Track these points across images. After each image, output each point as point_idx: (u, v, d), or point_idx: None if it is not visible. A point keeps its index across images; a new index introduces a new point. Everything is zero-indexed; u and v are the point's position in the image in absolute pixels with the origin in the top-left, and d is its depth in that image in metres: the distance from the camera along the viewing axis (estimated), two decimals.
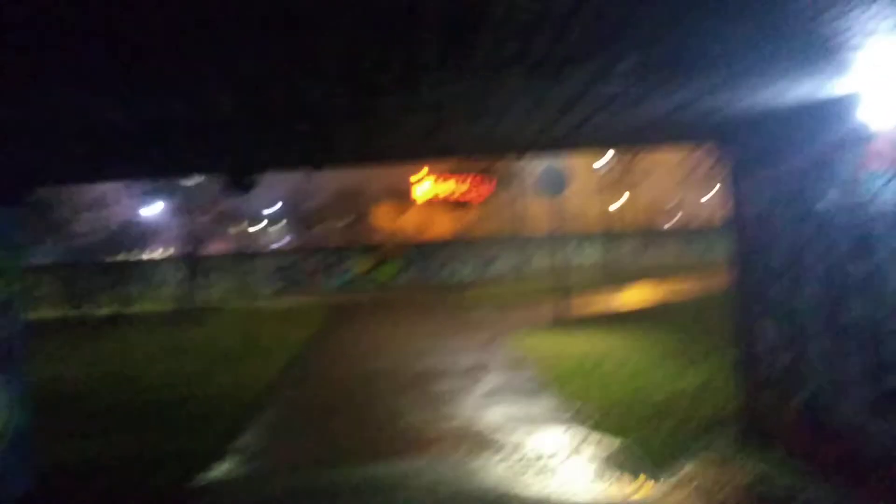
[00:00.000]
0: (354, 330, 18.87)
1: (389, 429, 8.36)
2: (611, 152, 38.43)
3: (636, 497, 5.68)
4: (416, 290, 33.97)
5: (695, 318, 14.87)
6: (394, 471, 6.78)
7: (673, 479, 5.89)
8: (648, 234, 47.58)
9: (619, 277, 29.76)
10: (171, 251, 31.28)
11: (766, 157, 6.39)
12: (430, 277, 38.06)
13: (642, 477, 6.07)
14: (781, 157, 6.12)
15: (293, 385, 11.61)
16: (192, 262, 25.65)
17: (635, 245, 43.95)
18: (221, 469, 7.26)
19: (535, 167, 47.43)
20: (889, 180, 4.68)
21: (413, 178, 65.70)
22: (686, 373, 10.06)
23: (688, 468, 6.17)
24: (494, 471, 6.54)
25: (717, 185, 52.75)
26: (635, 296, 22.22)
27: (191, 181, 27.13)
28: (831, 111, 5.17)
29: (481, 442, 7.50)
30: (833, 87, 4.78)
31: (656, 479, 5.97)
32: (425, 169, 64.19)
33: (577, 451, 7.00)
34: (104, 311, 21.70)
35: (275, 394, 10.88)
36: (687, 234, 48.52)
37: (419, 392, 10.26)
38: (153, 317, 22.48)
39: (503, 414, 8.64)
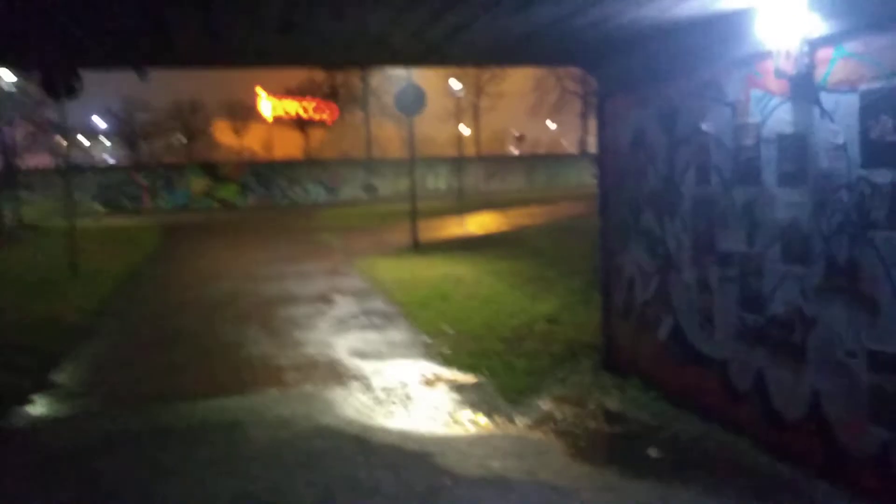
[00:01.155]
0: (192, 253, 17.72)
1: (231, 359, 7.71)
2: (458, 84, 38.14)
3: (490, 438, 5.39)
4: (260, 212, 32.66)
5: (542, 247, 14.94)
6: (240, 405, 6.19)
7: (528, 419, 5.65)
8: (497, 161, 48.10)
9: (468, 203, 29.78)
10: None
11: (640, 80, 6.12)
12: (275, 198, 36.69)
13: (496, 416, 5.78)
14: (659, 79, 5.86)
15: (122, 313, 10.62)
16: (6, 177, 23.16)
17: (484, 171, 44.24)
18: (38, 407, 6.40)
19: (388, 89, 46.66)
20: (781, 102, 4.47)
21: (258, 93, 62.85)
22: (539, 301, 9.96)
23: (544, 405, 5.96)
24: (343, 407, 6.08)
25: (565, 114, 54.02)
26: (485, 222, 22.22)
27: (6, 85, 24.39)
28: (721, 28, 4.89)
29: (330, 375, 7.02)
30: (725, 1, 4.48)
31: (511, 418, 5.70)
32: (258, 87, 61.43)
33: (429, 385, 6.66)
34: None
35: (101, 323, 9.88)
36: (534, 161, 49.43)
37: (264, 320, 9.61)
38: None
39: (354, 344, 8.18)
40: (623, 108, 6.44)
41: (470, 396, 6.26)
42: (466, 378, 6.80)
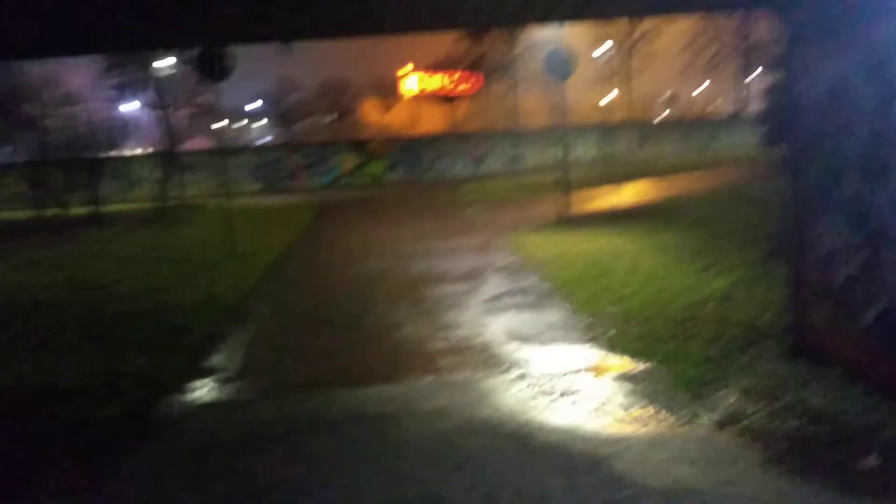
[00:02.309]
0: (342, 230, 17.82)
1: (385, 343, 7.42)
2: (609, 42, 36.66)
3: (672, 438, 4.74)
4: (407, 187, 32.80)
5: (707, 216, 13.85)
6: (394, 394, 5.84)
7: (714, 416, 4.94)
8: (646, 127, 46.06)
9: (620, 171, 28.60)
10: (149, 149, 29.76)
11: (842, 23, 5.20)
12: (421, 174, 36.80)
13: (677, 412, 5.11)
14: (866, 20, 4.94)
15: (277, 293, 10.64)
16: (169, 159, 24.29)
17: (636, 137, 42.50)
18: (194, 392, 6.34)
19: (529, 58, 45.72)
20: None
21: (400, 73, 63.58)
22: (707, 277, 9.09)
23: (730, 398, 5.23)
24: (501, 398, 5.60)
25: (721, 73, 51.04)
26: (640, 191, 21.13)
27: (165, 72, 25.58)
28: None
29: (485, 360, 6.55)
30: None
31: (694, 414, 5.02)
32: (410, 64, 61.89)
33: (595, 373, 6.06)
34: (75, 211, 20.49)
35: (257, 303, 9.91)
36: (688, 125, 47.01)
37: (415, 299, 9.30)
38: (128, 217, 21.30)
39: (508, 327, 7.68)
40: (819, 56, 5.52)
41: (643, 387, 5.62)
42: (637, 365, 6.16)
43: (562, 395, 5.55)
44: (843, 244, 5.40)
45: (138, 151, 31.59)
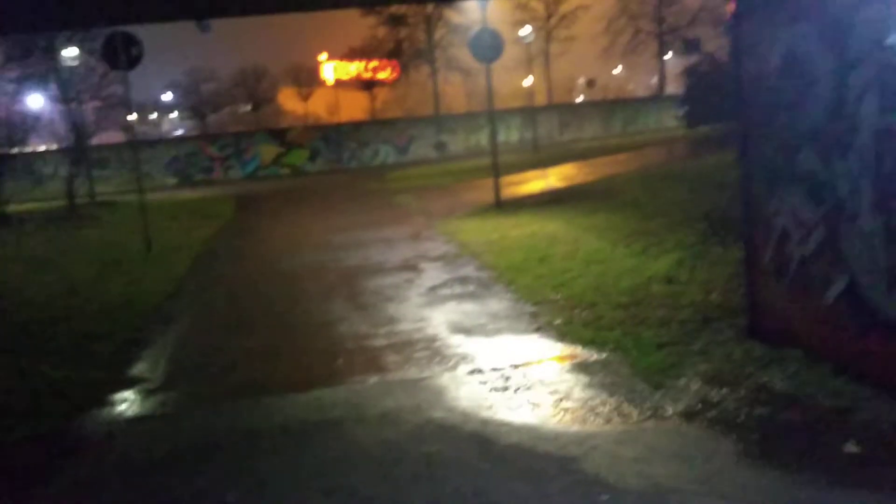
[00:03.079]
0: (266, 223, 17.16)
1: (322, 341, 6.98)
2: (527, 27, 36.63)
3: (640, 433, 4.48)
4: (331, 176, 32.14)
5: (638, 198, 13.77)
6: (337, 398, 5.43)
7: (679, 406, 4.71)
8: (570, 109, 46.42)
9: (545, 155, 28.61)
10: (59, 144, 28.18)
11: None
12: (345, 162, 36.12)
13: (640, 403, 4.86)
14: None
15: (200, 292, 10.03)
16: (77, 154, 23.02)
17: (557, 121, 42.72)
18: (117, 406, 5.78)
19: (452, 41, 45.38)
20: None
21: (319, 58, 62.47)
22: (647, 259, 8.93)
23: (692, 386, 5.01)
24: (454, 397, 5.25)
25: (639, 56, 51.77)
26: (568, 173, 21.06)
27: (70, 63, 24.21)
28: None
29: (431, 357, 6.18)
30: None
31: (658, 405, 4.77)
32: (324, 53, 60.85)
33: (549, 365, 5.77)
34: None
35: (179, 304, 9.30)
36: (609, 106, 47.54)
37: (351, 293, 8.87)
38: (37, 216, 20.08)
39: (451, 319, 7.33)
40: (769, 26, 5.33)
41: (600, 378, 5.35)
42: (590, 355, 5.89)
43: (517, 391, 5.23)
44: (800, 221, 5.23)
45: (43, 148, 29.95)
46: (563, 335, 6.45)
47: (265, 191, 26.95)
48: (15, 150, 24.02)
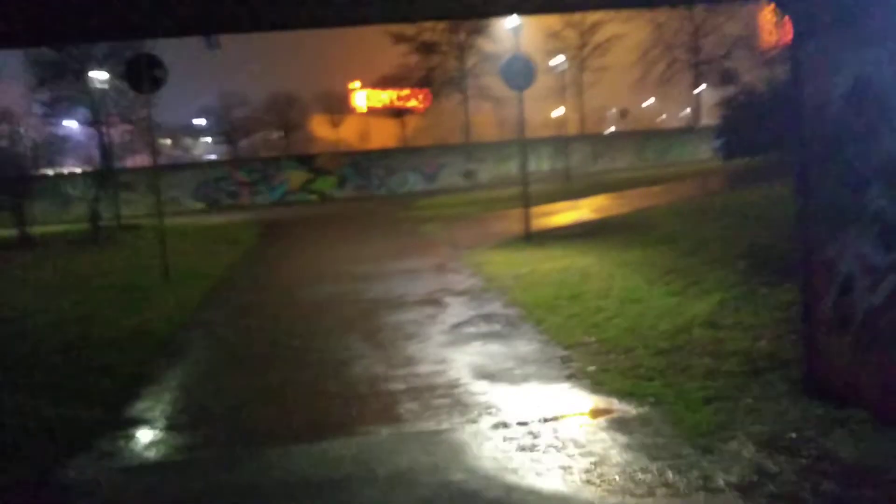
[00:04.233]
0: (289, 251, 16.77)
1: (336, 384, 6.46)
2: (560, 56, 36.34)
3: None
4: (358, 203, 31.83)
5: (674, 232, 13.12)
6: (346, 452, 4.90)
7: (732, 476, 4.11)
8: (603, 139, 45.91)
9: (577, 186, 28.07)
10: (89, 167, 28.21)
11: (863, 9, 4.48)
12: (373, 190, 35.85)
13: (687, 471, 4.28)
14: (883, 10, 4.23)
15: (214, 323, 9.58)
16: (103, 177, 22.91)
17: (590, 151, 42.18)
18: (109, 451, 5.30)
19: (484, 69, 45.17)
20: None
21: (350, 86, 62.81)
22: (686, 300, 8.31)
23: (744, 451, 4.42)
24: (475, 455, 4.71)
25: (673, 86, 51.20)
26: (600, 205, 20.45)
27: (100, 86, 24.25)
28: None
29: (452, 406, 5.63)
30: None
31: (707, 475, 4.18)
32: (357, 81, 61.14)
33: (582, 422, 5.20)
34: (1, 233, 19.08)
35: (191, 336, 8.87)
36: (643, 137, 46.90)
37: (370, 329, 8.37)
38: (60, 239, 19.93)
39: (475, 362, 6.79)
40: (836, 50, 4.79)
41: (640, 438, 4.77)
42: (627, 409, 5.32)
43: (546, 451, 4.67)
44: (868, 266, 4.65)
45: (73, 170, 30.03)
46: (597, 385, 5.88)
47: (291, 217, 26.66)
48: (44, 172, 24.08)
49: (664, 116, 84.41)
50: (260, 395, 6.32)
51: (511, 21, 13.76)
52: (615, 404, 5.42)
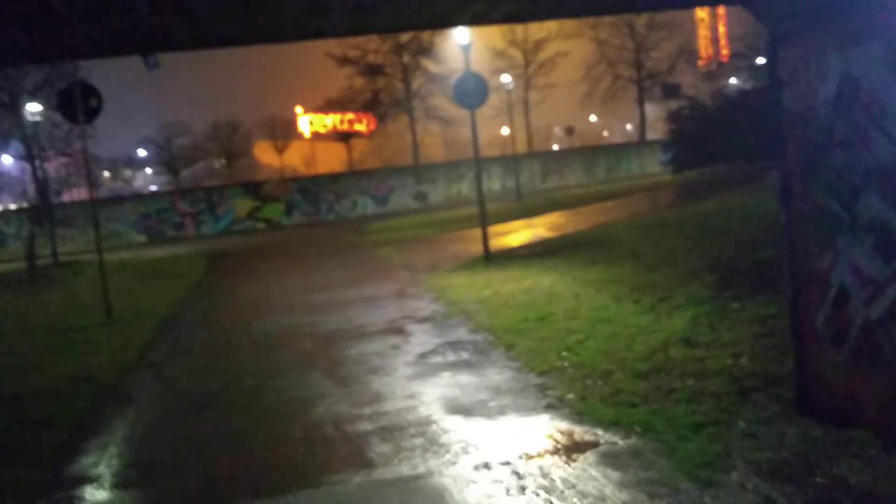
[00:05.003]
0: (239, 282, 16.15)
1: (298, 426, 5.99)
2: (505, 76, 36.36)
3: None
4: (308, 229, 31.22)
5: (635, 248, 12.93)
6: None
7: None
8: (552, 157, 46.03)
9: (530, 204, 27.92)
10: (20, 204, 27.11)
11: (846, 6, 4.26)
12: (323, 215, 35.25)
13: None
14: (870, 7, 4.01)
15: (162, 365, 8.97)
16: (39, 213, 21.97)
17: (539, 168, 42.22)
18: None
19: (430, 90, 45.03)
20: None
21: (296, 111, 62.18)
22: (658, 317, 8.05)
23: (747, 484, 4.10)
24: (456, 499, 4.30)
25: (618, 102, 51.80)
26: (556, 223, 20.26)
27: (38, 117, 23.32)
28: None
29: (426, 445, 5.22)
30: None
31: None
32: (299, 107, 60.53)
33: (568, 457, 4.82)
34: None
35: (138, 380, 8.27)
36: (591, 153, 47.20)
37: (331, 364, 7.90)
38: None
39: (446, 395, 6.38)
40: (816, 51, 4.56)
41: (634, 473, 4.42)
42: (614, 440, 4.97)
43: (537, 492, 4.29)
44: (865, 278, 4.40)
45: (7, 207, 28.86)
46: (579, 414, 5.52)
47: (239, 247, 25.96)
48: None
49: (606, 133, 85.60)
50: (215, 445, 5.82)
51: (461, 39, 13.48)
52: (601, 435, 5.07)
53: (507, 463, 4.74)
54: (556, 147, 64.50)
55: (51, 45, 4.26)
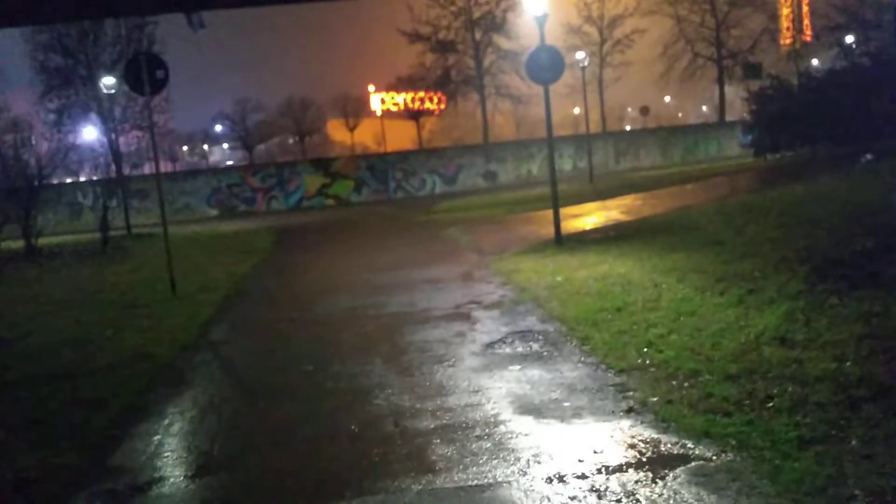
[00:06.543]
0: (305, 259, 15.91)
1: (355, 420, 5.57)
2: (582, 52, 35.35)
3: None
4: (376, 207, 31.01)
5: (718, 234, 12.12)
6: None
7: None
8: (627, 137, 44.82)
9: (603, 185, 27.07)
10: (101, 175, 27.62)
11: None
12: (392, 192, 35.03)
13: None
14: None
15: (222, 344, 8.72)
16: (113, 185, 22.22)
17: (613, 149, 41.11)
18: None
19: (502, 68, 44.32)
20: None
21: (368, 90, 62.31)
22: (747, 311, 7.33)
23: None
24: None
25: (697, 81, 50.13)
26: (632, 206, 19.41)
27: (109, 91, 23.54)
28: None
29: (493, 451, 4.72)
30: None
31: None
32: (372, 85, 60.54)
33: (654, 472, 4.26)
34: (9, 245, 18.38)
35: (196, 360, 8.01)
36: (668, 134, 45.75)
37: (392, 351, 7.49)
38: (68, 249, 19.23)
39: (515, 391, 5.89)
40: None
41: (733, 498, 3.84)
42: (707, 454, 4.39)
43: None
44: None
45: (83, 178, 29.42)
46: (664, 422, 4.95)
47: (307, 223, 25.88)
48: (54, 181, 23.42)
49: (681, 115, 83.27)
50: (267, 437, 5.45)
51: (536, 9, 12.79)
52: (691, 449, 4.49)
53: (584, 477, 4.22)
54: (628, 128, 62.99)
55: (88, 6, 3.90)
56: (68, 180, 28.92)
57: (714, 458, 4.34)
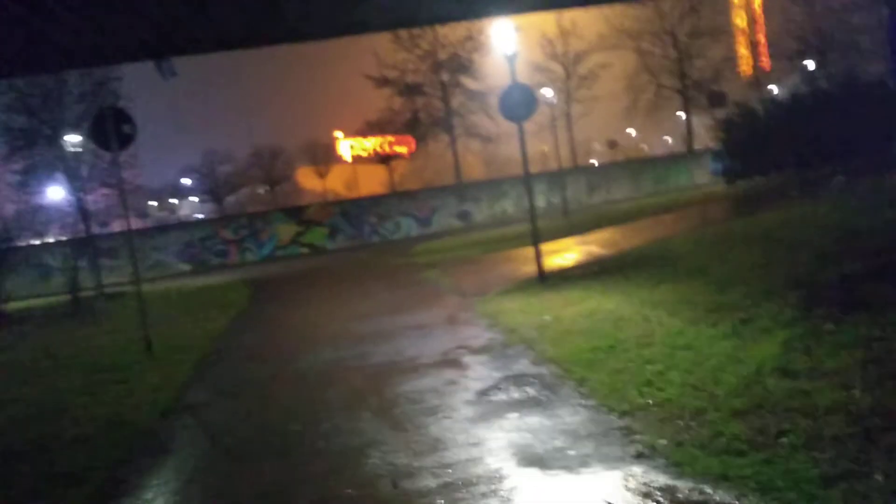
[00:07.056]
0: (283, 311, 15.57)
1: (348, 482, 5.27)
2: (549, 91, 35.65)
3: None
4: (352, 253, 30.73)
5: (701, 264, 12.02)
6: None
7: None
8: (597, 171, 45.10)
9: (579, 220, 27.07)
10: (69, 235, 27.13)
11: None
12: (367, 237, 34.80)
13: None
14: None
15: (201, 406, 8.34)
16: (82, 244, 21.76)
17: (585, 183, 41.30)
18: None
19: (471, 108, 44.54)
20: None
21: (336, 135, 62.38)
22: (744, 342, 7.15)
23: None
24: None
25: (663, 112, 50.81)
26: (610, 239, 19.32)
27: (79, 149, 23.23)
28: None
29: None
30: None
31: None
32: (339, 131, 60.66)
33: None
34: None
35: (175, 425, 7.65)
36: (638, 166, 46.19)
37: (381, 405, 7.18)
38: (39, 312, 18.73)
39: (515, 442, 5.62)
40: None
41: None
42: (727, 499, 4.17)
43: None
44: None
45: (51, 239, 28.85)
46: (677, 465, 4.72)
47: (283, 273, 25.52)
48: (21, 244, 22.95)
49: (645, 147, 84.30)
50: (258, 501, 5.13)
51: (507, 49, 12.78)
52: (710, 495, 4.25)
53: None
54: (595, 162, 63.56)
55: (58, 56, 3.70)
56: (35, 242, 28.39)
57: (736, 502, 4.11)
